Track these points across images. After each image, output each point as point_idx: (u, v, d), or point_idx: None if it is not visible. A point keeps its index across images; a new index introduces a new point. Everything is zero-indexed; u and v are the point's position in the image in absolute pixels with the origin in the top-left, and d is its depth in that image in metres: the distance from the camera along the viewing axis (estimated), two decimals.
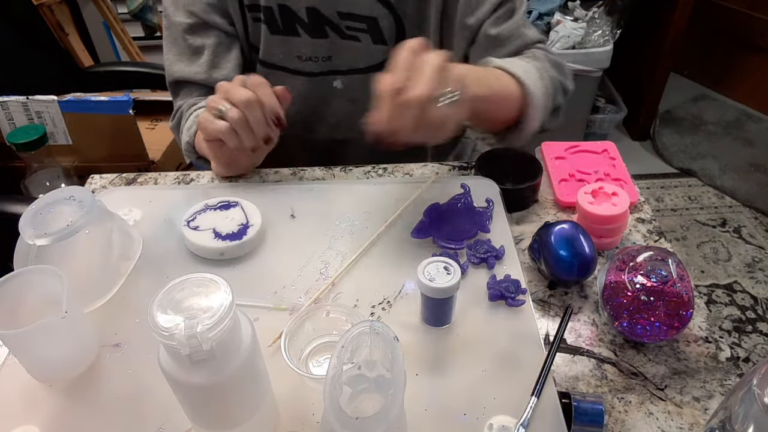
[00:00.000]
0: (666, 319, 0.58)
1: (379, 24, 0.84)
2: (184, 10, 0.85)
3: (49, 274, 0.54)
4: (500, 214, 0.72)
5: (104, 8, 1.82)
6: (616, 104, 2.32)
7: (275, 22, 0.85)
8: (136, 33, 2.04)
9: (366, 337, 0.44)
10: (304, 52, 0.87)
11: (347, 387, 0.43)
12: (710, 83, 2.66)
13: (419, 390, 0.53)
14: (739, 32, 2.43)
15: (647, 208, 0.79)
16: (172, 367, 0.42)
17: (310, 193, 0.77)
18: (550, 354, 0.55)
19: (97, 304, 0.62)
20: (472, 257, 0.66)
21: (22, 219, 0.58)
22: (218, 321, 0.40)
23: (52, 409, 0.54)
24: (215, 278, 0.43)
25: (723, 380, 0.58)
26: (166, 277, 0.65)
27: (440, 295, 0.55)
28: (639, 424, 0.54)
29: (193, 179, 0.83)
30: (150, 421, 0.52)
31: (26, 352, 0.54)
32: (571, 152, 0.87)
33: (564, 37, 1.99)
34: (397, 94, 0.57)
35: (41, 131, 0.98)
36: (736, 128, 2.42)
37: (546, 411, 0.51)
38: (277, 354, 0.54)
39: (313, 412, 0.52)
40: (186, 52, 0.87)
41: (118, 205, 0.74)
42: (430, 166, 0.84)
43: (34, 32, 1.52)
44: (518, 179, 0.77)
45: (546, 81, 0.79)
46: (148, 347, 0.57)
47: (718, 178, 2.20)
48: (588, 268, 0.65)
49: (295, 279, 0.65)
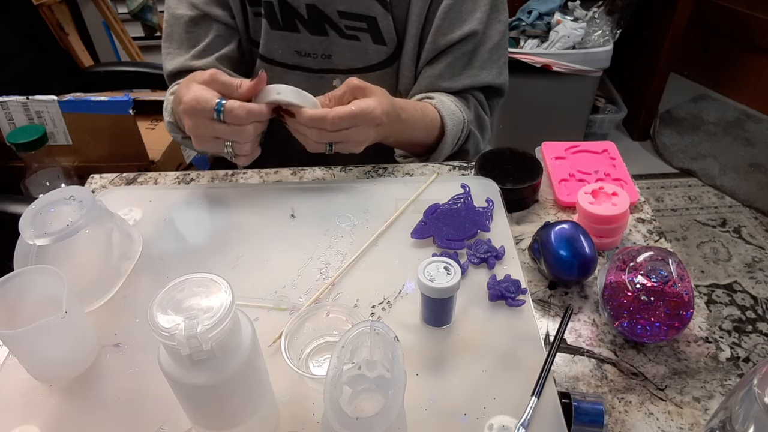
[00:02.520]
0: (666, 319, 0.58)
1: (379, 24, 0.84)
2: (186, 3, 0.86)
3: (49, 274, 0.54)
4: (500, 214, 0.72)
5: (104, 8, 1.82)
6: (616, 104, 2.32)
7: (275, 18, 0.85)
8: (136, 33, 2.04)
9: (366, 337, 0.44)
10: (303, 47, 0.87)
11: (347, 387, 0.43)
12: (710, 83, 2.66)
13: (419, 390, 0.53)
14: (739, 32, 2.43)
15: (647, 208, 0.79)
16: (172, 367, 0.42)
17: (310, 193, 0.77)
18: (550, 354, 0.55)
19: (97, 304, 0.62)
20: (472, 257, 0.66)
21: (22, 219, 0.58)
22: (218, 321, 0.40)
23: (52, 409, 0.54)
24: (215, 278, 0.43)
25: (723, 380, 0.58)
26: (166, 277, 0.65)
27: (440, 295, 0.55)
28: (639, 424, 0.54)
29: (193, 179, 0.83)
30: (150, 421, 0.52)
31: (26, 352, 0.54)
32: (571, 152, 0.87)
33: (564, 37, 1.99)
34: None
35: (41, 131, 0.98)
36: (736, 128, 2.42)
37: (546, 411, 0.51)
38: (277, 354, 0.54)
39: (313, 412, 0.52)
40: (185, 45, 0.87)
41: (118, 205, 0.74)
42: (430, 166, 0.84)
43: (34, 32, 1.52)
44: (518, 179, 0.77)
45: (459, 131, 0.88)
46: (148, 347, 0.57)
47: (718, 178, 2.20)
48: (588, 268, 0.65)
49: (295, 279, 0.65)
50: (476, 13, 0.85)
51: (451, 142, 0.86)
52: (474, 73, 0.89)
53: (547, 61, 1.99)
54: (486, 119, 0.94)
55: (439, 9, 0.84)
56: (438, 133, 0.86)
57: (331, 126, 0.69)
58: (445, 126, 0.84)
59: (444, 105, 0.85)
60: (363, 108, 0.70)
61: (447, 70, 0.88)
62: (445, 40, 0.85)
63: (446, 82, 0.88)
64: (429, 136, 0.86)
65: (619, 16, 2.10)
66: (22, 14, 1.47)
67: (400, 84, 0.91)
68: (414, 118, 0.81)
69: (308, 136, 0.71)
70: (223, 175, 0.83)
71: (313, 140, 0.71)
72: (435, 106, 0.85)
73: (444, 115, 0.84)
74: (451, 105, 0.86)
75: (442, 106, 0.85)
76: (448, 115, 0.85)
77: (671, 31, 2.13)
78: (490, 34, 0.87)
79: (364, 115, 0.70)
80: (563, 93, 2.10)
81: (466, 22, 0.85)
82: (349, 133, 0.71)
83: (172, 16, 0.87)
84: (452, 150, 0.89)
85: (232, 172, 0.84)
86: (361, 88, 0.72)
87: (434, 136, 0.86)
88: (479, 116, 0.93)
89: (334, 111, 0.69)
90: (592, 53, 2.00)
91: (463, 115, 0.87)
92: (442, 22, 0.84)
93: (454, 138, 0.86)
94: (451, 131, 0.85)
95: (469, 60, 0.88)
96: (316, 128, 0.70)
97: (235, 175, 0.83)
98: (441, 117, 0.84)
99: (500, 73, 0.91)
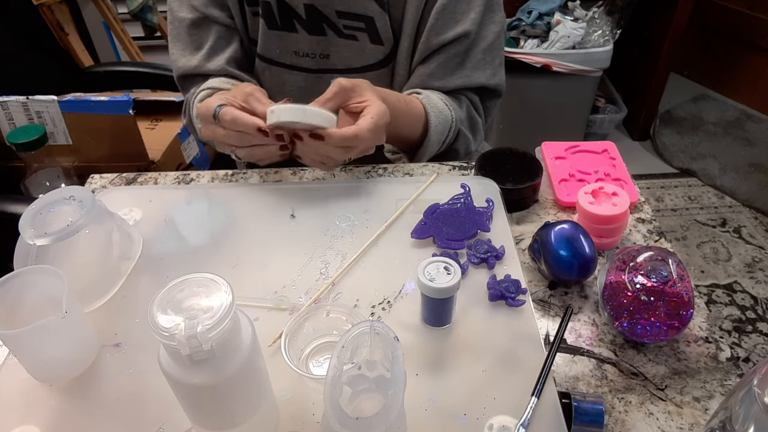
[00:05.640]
0: (666, 319, 0.58)
1: (376, 24, 0.84)
2: (187, 5, 0.87)
3: (49, 274, 0.54)
4: (500, 214, 0.72)
5: (104, 8, 1.82)
6: (616, 104, 2.33)
7: (273, 18, 0.85)
8: (136, 33, 2.04)
9: (366, 337, 0.44)
10: (301, 47, 0.87)
11: (347, 387, 0.43)
12: (710, 83, 2.66)
13: (419, 390, 0.53)
14: (739, 32, 2.43)
15: (647, 208, 0.79)
16: (172, 367, 0.42)
17: (310, 193, 0.77)
18: (550, 354, 0.55)
19: (97, 304, 0.62)
20: (472, 257, 0.66)
21: (22, 219, 0.58)
22: (218, 321, 0.40)
23: (52, 409, 0.54)
24: (215, 278, 0.43)
25: (723, 380, 0.58)
26: (166, 277, 0.65)
27: (440, 295, 0.55)
28: (639, 424, 0.54)
29: (193, 179, 0.83)
30: (150, 421, 0.52)
31: (26, 352, 0.54)
32: (571, 152, 0.87)
33: (564, 37, 1.99)
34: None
35: (41, 131, 0.98)
36: (736, 128, 2.42)
37: (546, 411, 0.51)
38: (277, 354, 0.54)
39: (313, 412, 0.52)
40: (189, 46, 0.88)
41: (118, 205, 0.74)
42: (430, 166, 0.84)
43: (34, 32, 1.52)
44: (518, 179, 0.77)
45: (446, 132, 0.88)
46: (148, 347, 0.57)
47: (718, 178, 2.20)
48: (588, 268, 0.65)
49: (295, 279, 0.65)
50: (470, 13, 0.85)
51: (436, 139, 0.86)
52: (467, 73, 0.89)
53: (547, 61, 1.99)
54: (479, 121, 0.94)
55: (433, 9, 0.84)
56: (423, 128, 0.85)
57: (363, 141, 0.70)
58: (429, 122, 0.84)
59: (430, 101, 0.85)
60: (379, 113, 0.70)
61: (438, 70, 0.87)
62: (438, 40, 0.85)
63: (438, 82, 0.88)
64: (414, 130, 0.85)
65: (619, 16, 2.10)
66: (22, 14, 1.47)
67: (395, 83, 0.91)
68: (398, 109, 0.80)
69: (333, 156, 0.71)
70: (223, 175, 0.83)
71: (338, 159, 0.72)
72: (421, 101, 0.85)
73: (429, 111, 0.84)
74: (439, 102, 0.86)
75: (428, 102, 0.85)
76: (433, 111, 0.85)
77: (671, 31, 2.13)
78: (483, 34, 0.87)
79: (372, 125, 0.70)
80: (563, 93, 2.10)
81: (460, 22, 0.85)
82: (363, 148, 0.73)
83: (175, 19, 0.88)
84: (439, 148, 0.89)
85: (232, 172, 0.84)
86: (350, 88, 0.72)
87: (419, 131, 0.86)
88: (471, 117, 0.93)
89: (361, 125, 0.69)
90: (592, 53, 2.00)
91: (452, 114, 0.87)
92: (436, 22, 0.84)
93: (439, 135, 0.86)
94: (437, 128, 0.85)
95: (462, 61, 0.88)
96: (344, 147, 0.70)
97: (235, 175, 0.83)
98: (426, 113, 0.84)
99: (494, 74, 0.91)
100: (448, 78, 0.88)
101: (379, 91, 0.76)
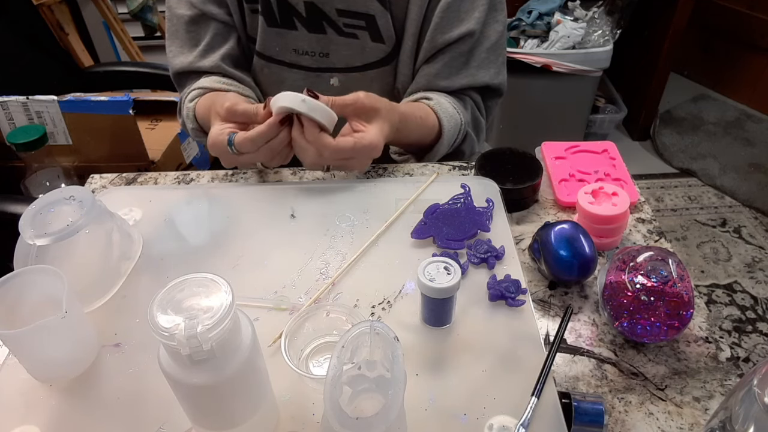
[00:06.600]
0: (666, 319, 0.58)
1: (377, 22, 0.84)
2: (185, 2, 0.87)
3: (49, 274, 0.54)
4: (500, 214, 0.72)
5: (104, 8, 1.82)
6: (616, 104, 2.32)
7: (273, 15, 0.85)
8: (136, 33, 2.04)
9: (366, 337, 0.44)
10: (300, 45, 0.88)
11: (347, 387, 0.43)
12: (710, 83, 2.66)
13: (419, 390, 0.53)
14: (739, 32, 2.43)
15: (647, 208, 0.79)
16: (172, 367, 0.42)
17: (310, 193, 0.77)
18: (550, 354, 0.55)
19: (97, 304, 0.62)
20: (472, 257, 0.66)
21: (22, 219, 0.58)
22: (218, 321, 0.40)
23: (52, 409, 0.54)
24: (215, 278, 0.43)
25: (723, 380, 0.58)
26: (166, 277, 0.65)
27: (440, 295, 0.55)
28: (639, 424, 0.54)
29: (193, 179, 0.83)
30: (150, 421, 0.52)
31: (26, 352, 0.54)
32: (571, 152, 0.87)
33: (564, 37, 1.99)
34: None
35: (41, 131, 0.98)
36: (736, 128, 2.42)
37: (546, 411, 0.51)
38: (277, 354, 0.54)
39: (313, 412, 0.52)
40: (187, 43, 0.89)
41: (118, 205, 0.74)
42: (430, 166, 0.84)
43: (34, 32, 1.52)
44: (518, 179, 0.77)
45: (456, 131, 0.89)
46: (148, 347, 0.57)
47: (718, 178, 2.20)
48: (588, 268, 0.65)
49: (295, 279, 0.65)
50: (474, 12, 0.85)
51: (447, 144, 0.87)
52: (472, 72, 0.89)
53: (547, 61, 1.99)
54: (482, 121, 0.95)
55: (437, 7, 0.84)
56: (435, 135, 0.86)
57: (330, 156, 0.71)
58: (442, 129, 0.85)
59: (442, 107, 0.86)
60: (365, 145, 0.72)
61: (444, 69, 0.88)
62: (442, 39, 0.85)
63: (444, 81, 0.88)
64: (426, 139, 0.87)
65: (619, 16, 2.10)
66: (22, 14, 1.47)
67: (398, 82, 0.91)
68: (414, 125, 0.82)
69: (307, 153, 0.72)
70: (223, 175, 0.83)
71: (310, 160, 0.73)
72: (433, 109, 0.85)
73: (441, 117, 0.85)
74: (449, 107, 0.87)
75: (440, 108, 0.86)
76: (445, 117, 0.85)
77: (671, 31, 2.13)
78: (488, 34, 0.87)
79: (364, 150, 0.72)
80: (563, 93, 2.10)
81: (464, 21, 0.85)
82: (347, 162, 0.74)
83: (173, 16, 0.88)
84: (448, 150, 0.90)
85: (232, 172, 0.84)
86: (365, 111, 0.74)
87: (431, 139, 0.87)
88: (475, 118, 0.94)
89: (334, 144, 0.71)
90: (592, 53, 2.00)
91: (461, 117, 0.88)
92: (440, 21, 0.84)
93: (450, 140, 0.87)
94: (448, 134, 0.86)
95: (467, 60, 0.88)
96: (316, 150, 0.71)
97: (235, 175, 0.83)
98: (439, 120, 0.85)
99: (498, 73, 0.91)
100: (453, 77, 0.89)
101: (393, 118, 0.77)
